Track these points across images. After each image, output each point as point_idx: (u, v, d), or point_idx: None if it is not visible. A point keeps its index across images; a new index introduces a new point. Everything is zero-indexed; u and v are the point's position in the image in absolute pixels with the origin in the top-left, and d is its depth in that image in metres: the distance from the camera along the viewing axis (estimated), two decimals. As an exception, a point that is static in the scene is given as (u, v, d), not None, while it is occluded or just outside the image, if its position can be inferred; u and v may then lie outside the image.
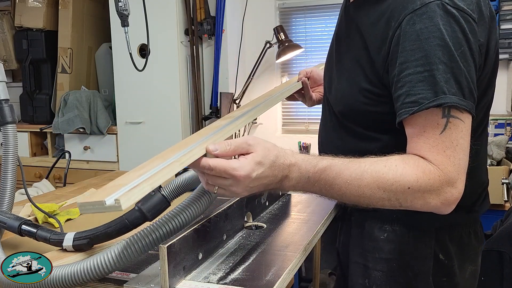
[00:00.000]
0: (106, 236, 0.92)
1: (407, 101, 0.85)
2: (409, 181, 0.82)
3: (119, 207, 0.64)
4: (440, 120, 0.83)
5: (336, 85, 1.10)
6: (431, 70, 0.83)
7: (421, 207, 0.85)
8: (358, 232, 1.11)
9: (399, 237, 1.05)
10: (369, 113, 0.99)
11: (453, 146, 0.83)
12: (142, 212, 0.90)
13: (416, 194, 0.83)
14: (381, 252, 1.06)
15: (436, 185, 0.82)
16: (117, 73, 3.04)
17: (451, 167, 0.83)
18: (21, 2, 3.24)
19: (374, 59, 0.95)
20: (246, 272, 0.86)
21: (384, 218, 1.05)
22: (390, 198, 0.84)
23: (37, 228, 0.98)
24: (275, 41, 2.85)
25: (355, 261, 1.12)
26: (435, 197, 0.83)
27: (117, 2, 1.56)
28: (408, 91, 0.85)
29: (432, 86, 0.83)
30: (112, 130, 3.14)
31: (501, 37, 2.56)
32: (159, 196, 0.93)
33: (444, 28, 0.84)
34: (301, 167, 0.86)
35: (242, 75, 3.06)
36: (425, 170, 0.83)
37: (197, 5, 2.93)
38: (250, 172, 0.80)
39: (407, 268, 1.05)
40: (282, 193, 1.36)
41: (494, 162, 2.23)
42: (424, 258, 1.04)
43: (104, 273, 0.82)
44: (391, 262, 1.05)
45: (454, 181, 0.83)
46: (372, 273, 1.07)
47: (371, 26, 0.97)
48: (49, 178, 2.34)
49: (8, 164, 1.10)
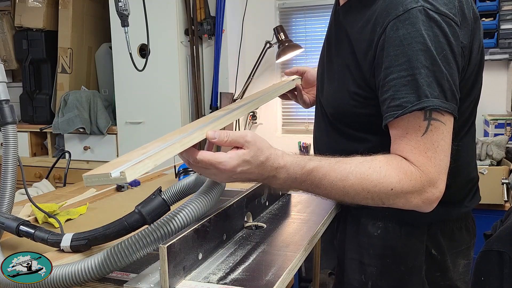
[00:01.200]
0: (104, 238, 0.92)
1: (392, 105, 0.89)
2: (391, 182, 0.86)
3: (124, 179, 0.66)
4: (422, 122, 0.87)
5: (327, 87, 1.13)
6: (414, 74, 0.86)
7: (403, 205, 0.89)
8: (354, 229, 1.14)
9: (391, 233, 1.08)
10: (358, 115, 1.02)
11: (434, 147, 0.86)
12: (141, 214, 0.90)
13: (399, 195, 0.87)
14: (375, 248, 1.09)
15: (417, 186, 0.86)
16: (117, 73, 3.04)
17: (431, 168, 0.86)
18: (21, 2, 3.24)
19: (361, 64, 0.97)
20: (246, 272, 0.86)
21: (376, 215, 1.08)
22: (374, 197, 0.88)
23: (35, 229, 0.97)
24: (275, 41, 2.85)
25: (351, 257, 1.14)
26: (417, 196, 0.87)
27: (117, 2, 1.56)
28: (393, 95, 0.88)
29: (415, 90, 0.86)
30: (112, 130, 3.14)
31: (501, 37, 2.56)
32: (159, 199, 0.93)
33: (426, 33, 0.87)
34: (289, 169, 0.89)
35: (242, 75, 3.06)
36: (407, 171, 0.87)
37: (197, 5, 2.94)
38: (235, 167, 0.83)
39: (400, 263, 1.08)
40: (282, 193, 1.36)
41: (494, 162, 2.23)
42: (417, 253, 1.07)
43: (103, 273, 0.82)
44: (384, 258, 1.09)
45: (435, 181, 0.87)
46: (368, 269, 1.10)
47: (358, 31, 0.99)
48: (49, 178, 2.35)
49: (8, 165, 1.10)
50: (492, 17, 2.56)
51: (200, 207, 0.88)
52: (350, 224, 1.16)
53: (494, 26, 2.55)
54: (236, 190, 1.36)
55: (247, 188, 1.13)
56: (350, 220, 1.16)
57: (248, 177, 0.87)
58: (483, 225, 2.09)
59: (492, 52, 2.58)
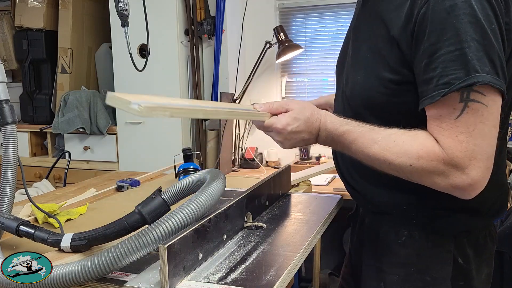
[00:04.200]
0: (104, 238, 0.92)
1: (440, 83, 0.82)
2: (410, 159, 0.86)
3: (140, 112, 0.69)
4: (457, 104, 0.81)
5: (352, 77, 1.06)
6: (463, 48, 0.80)
7: (432, 186, 0.87)
8: (372, 235, 1.10)
9: (418, 241, 1.02)
10: (388, 104, 0.97)
11: (468, 131, 0.81)
12: (141, 215, 0.91)
13: (420, 173, 0.86)
14: (396, 257, 1.04)
15: (440, 168, 0.83)
16: (117, 73, 3.04)
17: (459, 153, 0.81)
18: (21, 2, 3.24)
19: (399, 41, 0.90)
20: (246, 272, 0.86)
21: (401, 222, 1.04)
22: (398, 170, 0.89)
23: (35, 229, 0.97)
24: (275, 41, 2.85)
25: (369, 264, 1.10)
26: (443, 179, 0.84)
27: (117, 2, 1.56)
28: (441, 72, 0.82)
29: (464, 66, 0.80)
30: (112, 130, 3.14)
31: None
32: (159, 199, 0.93)
33: (475, 4, 0.80)
34: (327, 127, 0.97)
35: (242, 75, 3.06)
36: (429, 151, 0.84)
37: (197, 5, 2.93)
38: (286, 126, 0.96)
39: (426, 273, 1.02)
40: (282, 193, 1.36)
41: (494, 162, 2.23)
42: (444, 263, 1.01)
43: (100, 275, 0.82)
44: (408, 267, 1.03)
45: (463, 167, 0.82)
46: (388, 277, 1.05)
47: (394, 8, 0.93)
48: (49, 178, 2.35)
49: (8, 165, 1.10)
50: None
51: (200, 207, 0.88)
52: (368, 229, 1.12)
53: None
54: (236, 190, 1.36)
55: (247, 188, 1.13)
56: (369, 225, 1.11)
57: (300, 137, 0.97)
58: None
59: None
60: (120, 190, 1.66)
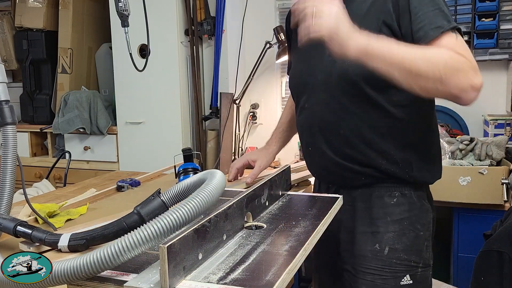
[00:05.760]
0: (102, 238, 0.92)
1: (432, 27, 1.10)
2: (444, 58, 1.04)
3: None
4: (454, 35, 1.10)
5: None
6: (440, 8, 1.12)
7: (455, 85, 1.02)
8: (364, 205, 1.26)
9: (408, 198, 1.24)
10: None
11: (468, 49, 1.08)
12: (140, 215, 0.91)
13: (452, 70, 1.02)
14: (392, 215, 1.24)
15: (464, 67, 1.03)
16: (117, 73, 3.04)
17: (473, 60, 1.05)
18: (21, 2, 3.24)
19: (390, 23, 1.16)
20: (246, 272, 0.86)
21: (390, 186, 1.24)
22: (434, 70, 1.02)
23: (33, 229, 0.97)
24: (275, 41, 2.85)
25: (363, 231, 1.26)
26: (465, 78, 1.02)
27: (117, 2, 1.56)
28: (430, 21, 1.11)
29: (445, 18, 1.11)
30: (112, 130, 3.14)
31: (501, 37, 2.56)
32: (158, 201, 0.93)
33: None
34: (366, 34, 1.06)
35: (242, 75, 3.06)
36: (453, 54, 1.04)
37: (197, 6, 2.94)
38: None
39: (416, 222, 1.24)
40: (282, 193, 1.36)
41: (494, 162, 2.23)
42: (427, 210, 1.27)
43: (98, 270, 0.81)
44: (402, 221, 1.23)
45: (477, 70, 1.04)
46: (384, 236, 1.23)
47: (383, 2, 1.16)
48: (49, 178, 2.35)
49: (7, 165, 1.10)
50: (492, 17, 2.56)
51: (198, 206, 0.88)
52: (359, 201, 1.27)
53: (494, 27, 2.55)
54: (236, 190, 1.36)
55: (247, 188, 1.13)
56: (359, 199, 1.27)
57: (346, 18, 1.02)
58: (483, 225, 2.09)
59: (492, 53, 2.58)
60: (120, 190, 1.66)
